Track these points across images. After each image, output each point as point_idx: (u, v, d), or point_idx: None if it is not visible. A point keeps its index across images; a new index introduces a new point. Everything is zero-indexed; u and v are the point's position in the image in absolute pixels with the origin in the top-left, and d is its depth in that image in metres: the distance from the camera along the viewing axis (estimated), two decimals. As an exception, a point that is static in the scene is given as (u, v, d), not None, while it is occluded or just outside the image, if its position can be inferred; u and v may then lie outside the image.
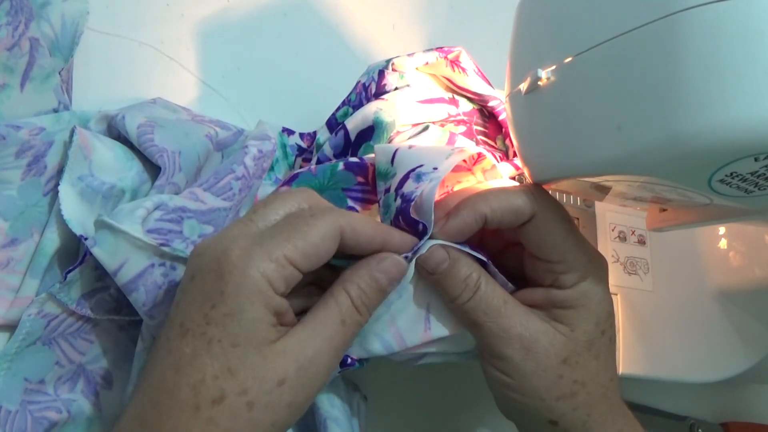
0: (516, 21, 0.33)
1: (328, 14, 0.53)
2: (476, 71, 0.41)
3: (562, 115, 0.29)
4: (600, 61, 0.26)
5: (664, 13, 0.23)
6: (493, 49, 0.47)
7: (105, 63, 0.44)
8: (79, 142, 0.36)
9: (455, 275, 0.31)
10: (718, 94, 0.22)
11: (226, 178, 0.35)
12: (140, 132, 0.37)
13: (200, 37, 0.48)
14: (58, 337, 0.34)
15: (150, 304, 0.31)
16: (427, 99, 0.40)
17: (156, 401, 0.25)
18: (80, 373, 0.35)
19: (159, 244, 0.31)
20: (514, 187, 0.33)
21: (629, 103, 0.25)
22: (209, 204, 0.34)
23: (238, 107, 0.47)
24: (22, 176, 0.36)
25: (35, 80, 0.38)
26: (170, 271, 0.32)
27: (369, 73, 0.42)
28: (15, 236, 0.35)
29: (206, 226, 0.33)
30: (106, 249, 0.31)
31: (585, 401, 0.32)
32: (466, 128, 0.42)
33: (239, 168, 0.35)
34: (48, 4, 0.40)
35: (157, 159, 0.37)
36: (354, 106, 0.42)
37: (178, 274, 0.32)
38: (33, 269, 0.35)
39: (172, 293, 0.31)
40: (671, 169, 0.25)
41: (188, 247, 0.33)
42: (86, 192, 0.36)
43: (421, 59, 0.41)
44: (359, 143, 0.39)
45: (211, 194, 0.34)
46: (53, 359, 0.34)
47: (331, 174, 0.35)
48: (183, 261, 0.32)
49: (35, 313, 0.34)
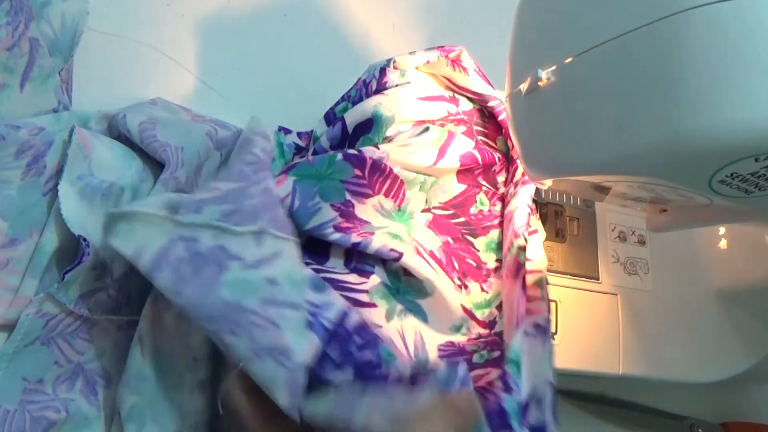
0: (516, 21, 0.33)
1: (328, 14, 0.53)
2: (477, 71, 0.41)
3: (562, 115, 0.29)
4: (600, 62, 0.26)
5: (664, 14, 0.23)
6: (493, 49, 0.47)
7: (105, 63, 0.44)
8: (78, 141, 0.36)
9: None
10: (718, 95, 0.22)
11: (238, 166, 0.34)
12: (142, 129, 0.37)
13: (200, 37, 0.48)
14: (57, 337, 0.34)
15: (177, 280, 0.30)
16: (428, 96, 0.40)
17: None
18: (79, 372, 0.35)
19: (173, 213, 0.30)
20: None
21: (629, 103, 0.25)
22: (224, 189, 0.33)
23: (238, 107, 0.47)
24: (21, 176, 0.36)
25: (35, 80, 0.38)
26: (191, 243, 0.31)
27: (370, 71, 0.42)
28: (14, 236, 0.35)
29: (225, 205, 0.32)
30: (123, 237, 0.30)
31: None
32: (466, 128, 0.42)
33: (249, 156, 0.35)
34: (48, 4, 0.40)
35: (160, 154, 0.37)
36: (354, 101, 0.42)
37: (200, 244, 0.31)
38: (32, 269, 0.35)
39: (197, 265, 0.30)
40: (672, 169, 0.25)
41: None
42: (86, 191, 0.36)
43: (423, 58, 0.41)
44: (357, 136, 0.39)
45: (224, 182, 0.33)
46: (52, 359, 0.34)
47: (329, 163, 0.35)
48: (203, 228, 0.31)
49: (33, 312, 0.34)
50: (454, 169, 0.39)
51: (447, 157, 0.38)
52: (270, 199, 0.34)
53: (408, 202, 0.38)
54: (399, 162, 0.37)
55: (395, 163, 0.37)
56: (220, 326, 0.29)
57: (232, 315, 0.30)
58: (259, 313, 0.30)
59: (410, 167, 0.38)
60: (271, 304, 0.31)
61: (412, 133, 0.39)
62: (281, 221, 0.33)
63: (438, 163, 0.38)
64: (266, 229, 0.32)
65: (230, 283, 0.30)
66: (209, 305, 0.30)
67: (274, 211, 0.34)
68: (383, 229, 0.36)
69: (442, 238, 0.39)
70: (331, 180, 0.36)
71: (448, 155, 0.38)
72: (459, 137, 0.39)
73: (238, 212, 0.32)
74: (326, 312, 0.32)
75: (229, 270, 0.31)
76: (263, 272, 0.31)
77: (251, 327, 0.30)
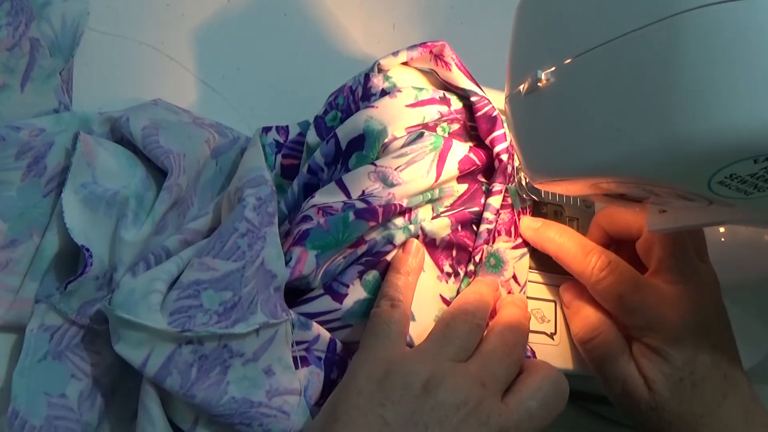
0: (516, 22, 0.33)
1: (328, 14, 0.53)
2: (459, 66, 0.41)
3: (561, 116, 0.29)
4: (599, 63, 0.26)
5: (663, 15, 0.23)
6: (493, 50, 0.47)
7: (105, 63, 0.44)
8: (82, 149, 0.36)
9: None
10: (717, 97, 0.22)
11: (232, 238, 0.34)
12: (145, 134, 0.37)
13: (200, 37, 0.48)
14: (66, 350, 0.34)
15: (187, 384, 0.31)
16: (416, 102, 0.40)
17: None
18: (98, 389, 0.35)
19: (181, 330, 0.31)
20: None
21: (628, 105, 0.25)
22: (221, 270, 0.33)
23: (238, 107, 0.47)
24: (21, 177, 0.36)
25: (36, 81, 0.38)
26: (198, 346, 0.32)
27: (356, 78, 0.42)
28: (14, 237, 0.35)
29: (224, 292, 0.33)
30: (130, 343, 0.31)
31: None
32: (459, 125, 0.42)
33: (242, 224, 0.34)
34: (48, 5, 0.40)
35: (163, 161, 0.37)
36: (343, 110, 0.41)
37: (205, 347, 0.32)
38: (33, 272, 0.35)
39: (206, 368, 0.32)
40: (670, 171, 0.25)
41: (211, 318, 0.33)
42: (90, 199, 0.35)
43: (406, 56, 0.41)
44: (350, 152, 0.39)
45: (220, 260, 0.33)
46: (68, 373, 0.34)
47: (344, 226, 0.36)
48: (209, 337, 0.32)
49: (37, 327, 0.34)
50: (454, 177, 0.40)
51: (446, 168, 0.38)
52: (265, 279, 0.35)
53: (417, 215, 0.39)
54: (405, 195, 0.38)
55: (402, 198, 0.38)
56: (233, 420, 0.32)
57: (243, 410, 0.32)
58: (267, 404, 0.33)
59: (415, 193, 0.38)
60: (275, 395, 0.34)
61: (406, 139, 0.39)
62: (273, 302, 0.35)
63: (439, 179, 0.38)
64: (266, 322, 0.33)
65: (235, 380, 0.33)
66: (222, 405, 0.32)
67: (268, 289, 0.35)
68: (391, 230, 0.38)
69: (454, 226, 0.39)
70: (351, 241, 0.36)
71: (447, 166, 0.38)
72: (455, 145, 0.39)
73: (238, 305, 0.33)
74: (316, 345, 0.36)
75: (232, 368, 0.33)
76: (261, 364, 0.34)
77: (263, 418, 0.33)
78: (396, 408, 0.31)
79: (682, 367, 0.37)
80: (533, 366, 0.36)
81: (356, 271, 0.37)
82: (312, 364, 0.36)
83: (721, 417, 0.37)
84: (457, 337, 0.35)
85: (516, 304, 0.39)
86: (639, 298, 0.38)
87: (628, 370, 0.38)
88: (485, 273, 0.40)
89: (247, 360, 0.33)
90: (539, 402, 0.33)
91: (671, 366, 0.37)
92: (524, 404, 0.33)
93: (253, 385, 0.33)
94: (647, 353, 0.38)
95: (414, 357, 0.33)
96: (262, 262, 0.35)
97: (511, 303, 0.39)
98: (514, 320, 0.37)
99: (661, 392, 0.37)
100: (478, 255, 0.40)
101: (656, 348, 0.38)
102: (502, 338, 0.35)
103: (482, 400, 0.32)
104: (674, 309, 0.38)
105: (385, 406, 0.31)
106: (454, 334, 0.35)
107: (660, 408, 0.37)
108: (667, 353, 0.37)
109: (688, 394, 0.37)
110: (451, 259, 0.40)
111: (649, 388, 0.38)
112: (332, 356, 0.37)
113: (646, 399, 0.38)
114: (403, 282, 0.36)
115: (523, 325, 0.37)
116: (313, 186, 0.40)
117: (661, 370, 0.37)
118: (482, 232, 0.40)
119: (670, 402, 0.37)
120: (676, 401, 0.37)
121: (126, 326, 0.31)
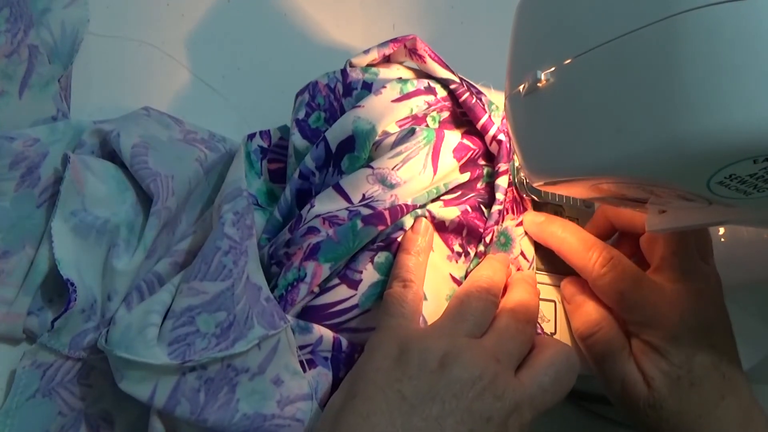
0: (516, 22, 0.33)
1: (327, 14, 0.53)
2: (432, 56, 0.41)
3: (561, 116, 0.29)
4: (599, 63, 0.26)
5: (663, 16, 0.23)
6: (493, 50, 0.47)
7: (105, 63, 0.44)
8: (71, 177, 0.35)
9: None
10: (716, 97, 0.22)
11: (216, 258, 0.34)
12: (134, 152, 0.37)
13: (200, 37, 0.48)
14: (58, 387, 0.34)
15: (197, 410, 0.32)
16: (402, 96, 0.40)
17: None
18: (81, 419, 0.35)
19: (182, 362, 0.31)
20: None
21: (628, 105, 0.25)
22: (211, 292, 0.33)
23: (238, 107, 0.47)
24: (15, 188, 0.35)
25: (34, 88, 0.38)
26: (202, 371, 0.32)
27: (330, 76, 0.42)
28: (6, 248, 0.35)
29: (218, 313, 0.33)
30: (133, 380, 0.31)
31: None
32: (449, 113, 0.42)
33: (223, 242, 0.34)
34: (48, 11, 0.40)
35: (149, 184, 0.36)
36: (325, 109, 0.41)
37: (209, 371, 0.32)
38: (27, 287, 0.35)
39: (213, 390, 0.32)
40: (670, 171, 0.25)
41: (210, 342, 0.33)
42: (80, 227, 0.35)
43: (377, 53, 0.41)
44: (341, 154, 0.39)
45: (208, 281, 0.33)
46: (55, 410, 0.34)
47: (353, 234, 0.36)
48: (210, 360, 0.32)
49: (29, 364, 0.34)
50: (455, 168, 0.40)
51: (442, 160, 0.38)
52: (253, 293, 0.35)
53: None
54: (408, 195, 0.38)
55: (405, 198, 0.37)
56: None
57: (257, 424, 0.33)
58: (280, 415, 0.33)
59: (417, 191, 0.38)
60: (287, 404, 0.34)
61: (399, 137, 0.38)
62: (270, 312, 0.35)
63: (437, 172, 0.38)
64: (264, 335, 0.34)
65: (245, 396, 0.33)
66: (234, 424, 0.32)
67: (260, 302, 0.35)
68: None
69: (462, 207, 0.39)
70: (361, 246, 0.36)
71: (442, 158, 0.38)
72: (447, 135, 0.39)
73: (234, 324, 0.33)
74: (320, 346, 0.36)
75: (240, 384, 0.33)
76: (269, 375, 0.34)
77: (277, 429, 0.33)
78: (413, 383, 0.31)
79: (679, 365, 0.37)
80: (545, 342, 0.36)
81: (368, 256, 0.37)
82: (319, 366, 0.36)
83: (719, 417, 0.37)
84: (471, 313, 0.35)
85: (526, 281, 0.39)
86: (639, 294, 0.38)
87: (627, 367, 0.38)
88: (495, 251, 0.40)
89: (253, 374, 0.33)
90: (552, 377, 0.33)
91: (669, 363, 0.37)
92: (538, 379, 0.33)
93: (263, 397, 0.33)
94: (646, 350, 0.38)
95: (430, 334, 0.34)
96: (248, 276, 0.35)
97: (521, 280, 0.39)
98: (526, 297, 0.38)
99: (660, 390, 0.37)
100: (489, 236, 0.39)
101: (655, 345, 0.38)
102: (514, 315, 0.36)
103: (497, 375, 0.32)
104: (674, 307, 0.38)
105: (403, 381, 0.31)
106: (469, 310, 0.35)
107: (658, 406, 0.37)
108: (666, 351, 0.37)
109: (686, 392, 0.37)
110: (461, 239, 0.40)
111: (648, 386, 0.38)
112: (339, 355, 0.37)
113: (645, 396, 0.38)
114: (413, 262, 0.36)
115: (534, 301, 0.38)
116: (305, 191, 0.40)
117: (659, 367, 0.37)
118: (493, 213, 0.39)
119: (668, 400, 0.37)
120: (674, 399, 0.37)
121: (127, 366, 0.31)
